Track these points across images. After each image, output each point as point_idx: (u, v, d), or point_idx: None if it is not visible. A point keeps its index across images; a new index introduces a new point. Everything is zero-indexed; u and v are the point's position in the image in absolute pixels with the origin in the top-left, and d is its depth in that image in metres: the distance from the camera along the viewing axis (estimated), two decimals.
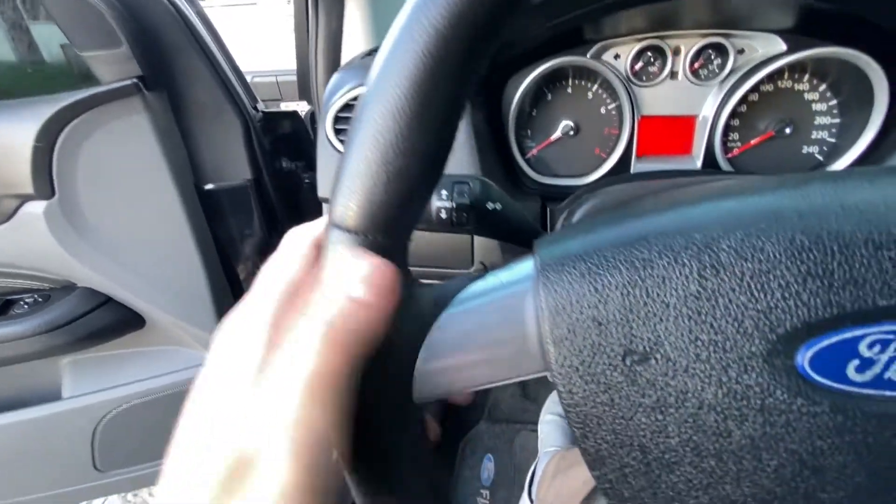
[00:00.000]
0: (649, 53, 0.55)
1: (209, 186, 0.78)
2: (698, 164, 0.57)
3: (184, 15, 0.65)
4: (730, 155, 0.57)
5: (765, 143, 0.56)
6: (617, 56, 0.56)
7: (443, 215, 0.32)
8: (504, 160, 0.60)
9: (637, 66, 0.56)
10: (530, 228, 0.35)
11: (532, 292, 0.20)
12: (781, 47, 0.52)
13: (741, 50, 0.54)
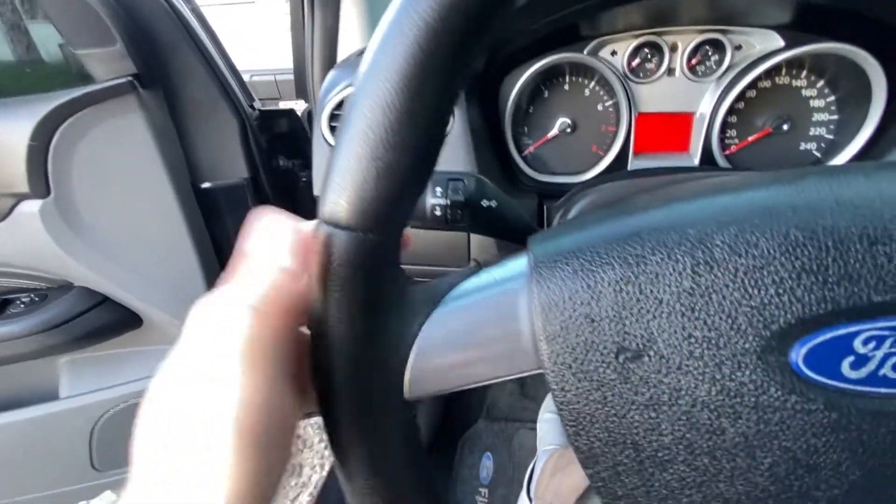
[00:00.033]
0: (646, 50, 0.55)
1: (206, 185, 0.78)
2: (696, 162, 0.57)
3: (179, 12, 0.64)
4: (727, 152, 0.57)
5: (762, 140, 0.56)
6: (614, 52, 0.56)
7: (437, 212, 0.32)
8: (501, 158, 0.60)
9: (634, 63, 0.55)
10: (525, 225, 0.34)
11: (526, 289, 0.20)
12: (779, 43, 0.52)
13: (738, 46, 0.53)
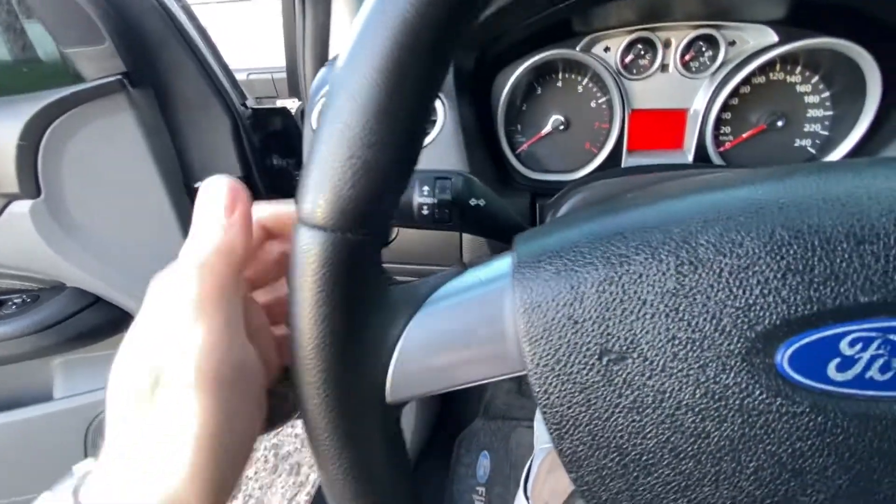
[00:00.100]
0: (639, 46, 0.54)
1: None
2: (690, 159, 0.56)
3: (168, 10, 0.64)
4: (721, 149, 0.56)
5: (757, 137, 0.55)
6: (607, 49, 0.55)
7: (424, 211, 0.32)
8: (493, 156, 0.59)
9: (627, 59, 0.55)
10: (515, 224, 0.34)
11: (510, 290, 0.20)
12: (773, 39, 0.51)
13: (732, 42, 0.53)
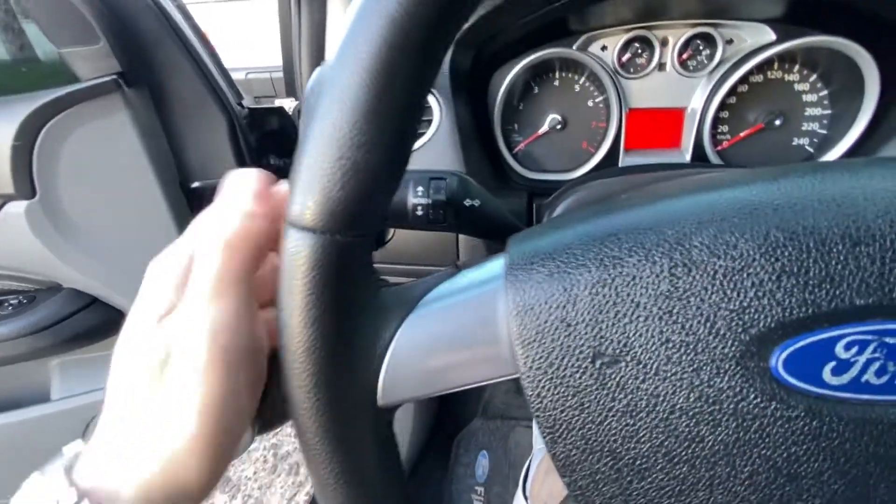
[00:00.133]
0: (637, 45, 0.54)
1: (195, 184, 0.77)
2: (687, 158, 0.56)
3: (163, 9, 0.63)
4: (719, 148, 0.56)
5: (755, 136, 0.55)
6: (604, 48, 0.55)
7: (419, 212, 0.32)
8: (490, 155, 0.59)
9: (624, 58, 0.55)
10: (510, 225, 0.34)
11: (503, 291, 0.20)
12: (770, 37, 0.51)
13: (730, 40, 0.53)
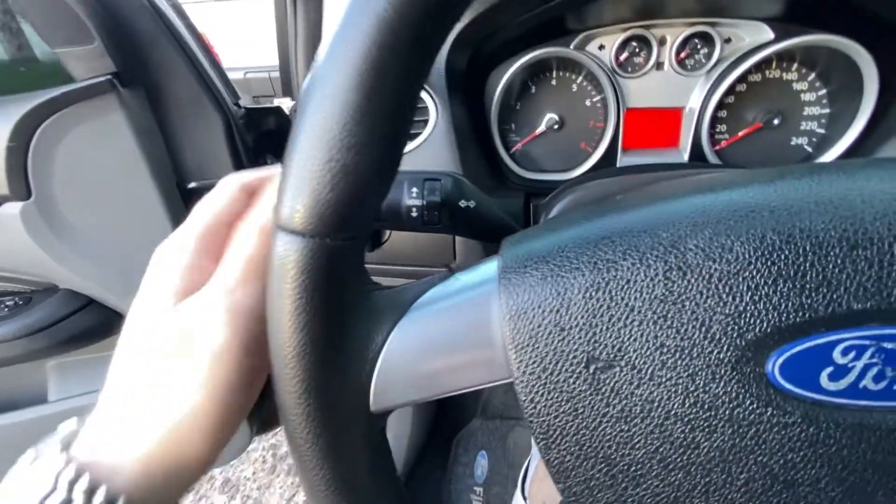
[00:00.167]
0: (634, 44, 0.54)
1: (192, 185, 0.77)
2: (685, 158, 0.56)
3: (158, 9, 0.63)
4: (717, 147, 0.56)
5: (753, 135, 0.55)
6: (601, 47, 0.55)
7: (413, 213, 0.31)
8: (487, 155, 0.59)
9: (622, 57, 0.54)
10: (506, 226, 0.34)
11: (497, 295, 0.19)
12: (769, 35, 0.51)
13: (728, 39, 0.52)
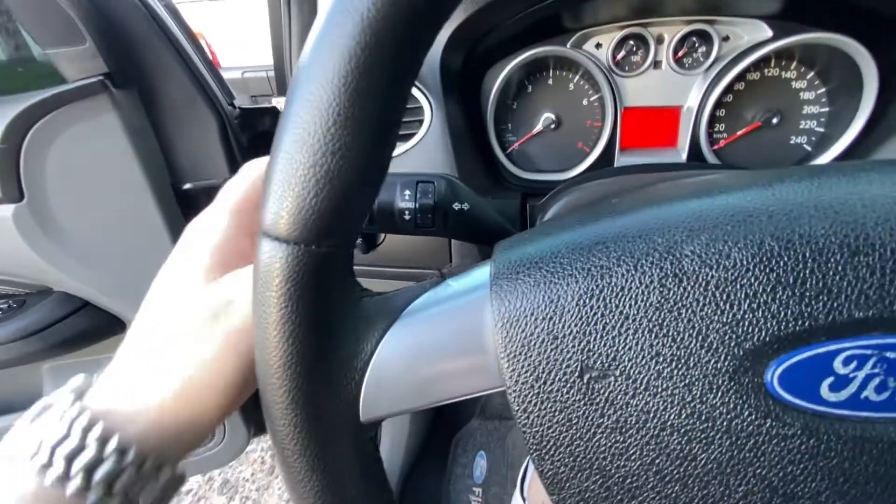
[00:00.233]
0: (631, 42, 0.53)
1: (187, 186, 0.76)
2: (683, 157, 0.55)
3: (151, 9, 0.62)
4: (716, 147, 0.55)
5: (752, 135, 0.54)
6: (598, 45, 0.54)
7: (406, 216, 0.31)
8: (484, 156, 0.58)
9: (619, 56, 0.54)
10: (501, 228, 0.33)
11: (489, 301, 0.19)
12: (767, 34, 0.50)
13: (726, 37, 0.52)
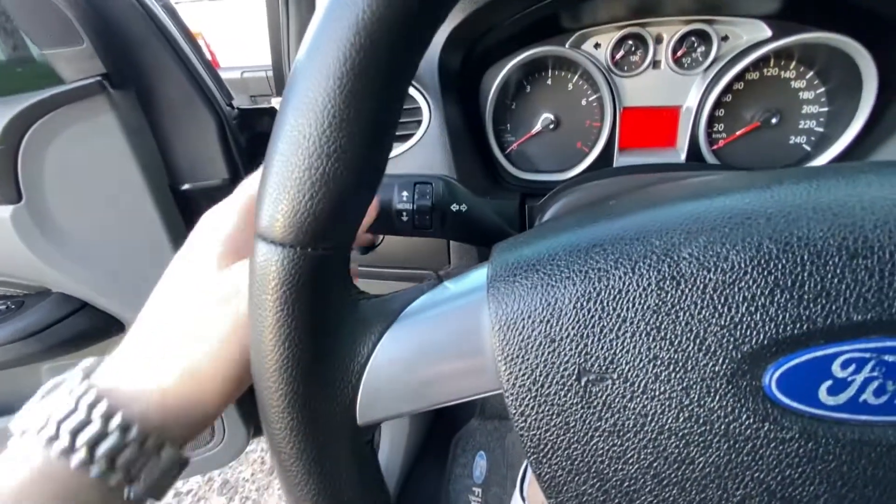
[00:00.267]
0: (630, 42, 0.53)
1: (185, 187, 0.76)
2: (682, 157, 0.55)
3: (148, 9, 0.62)
4: (715, 147, 0.55)
5: (751, 135, 0.54)
6: (597, 45, 0.54)
7: (403, 218, 0.31)
8: (482, 156, 0.58)
9: (618, 56, 0.54)
10: (499, 230, 0.33)
11: (486, 304, 0.19)
12: (766, 33, 0.50)
13: (725, 37, 0.52)
